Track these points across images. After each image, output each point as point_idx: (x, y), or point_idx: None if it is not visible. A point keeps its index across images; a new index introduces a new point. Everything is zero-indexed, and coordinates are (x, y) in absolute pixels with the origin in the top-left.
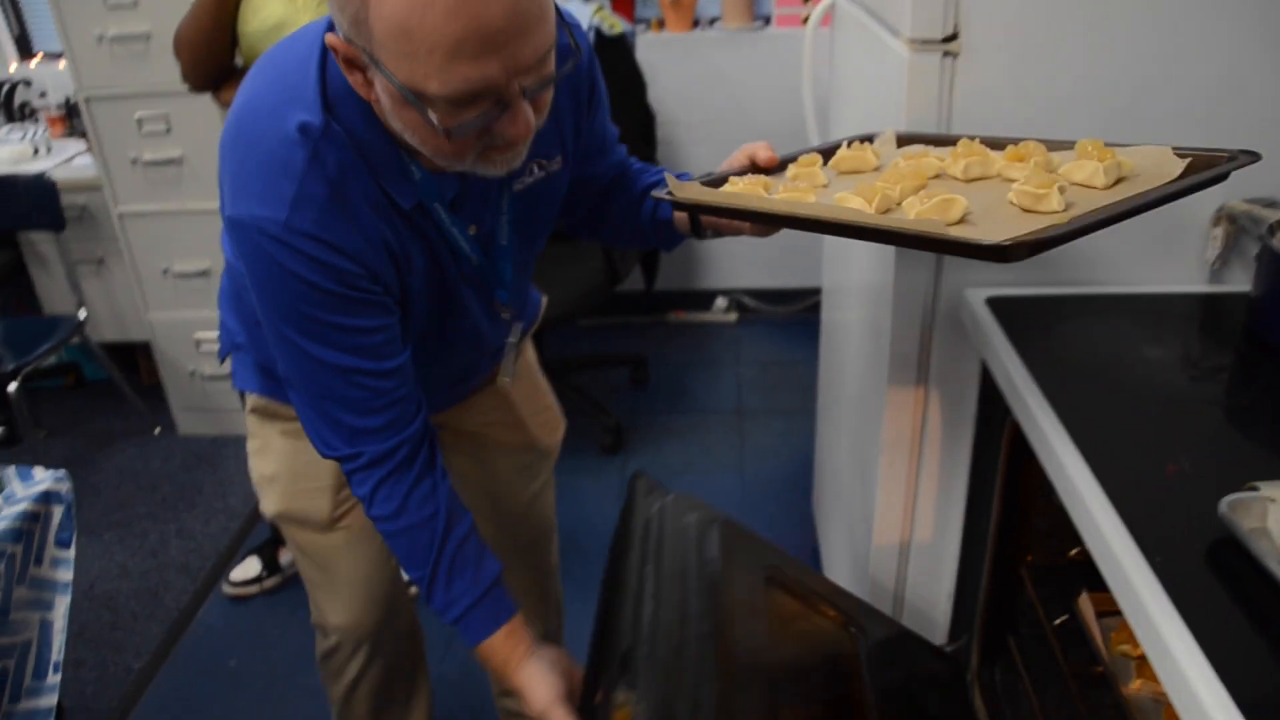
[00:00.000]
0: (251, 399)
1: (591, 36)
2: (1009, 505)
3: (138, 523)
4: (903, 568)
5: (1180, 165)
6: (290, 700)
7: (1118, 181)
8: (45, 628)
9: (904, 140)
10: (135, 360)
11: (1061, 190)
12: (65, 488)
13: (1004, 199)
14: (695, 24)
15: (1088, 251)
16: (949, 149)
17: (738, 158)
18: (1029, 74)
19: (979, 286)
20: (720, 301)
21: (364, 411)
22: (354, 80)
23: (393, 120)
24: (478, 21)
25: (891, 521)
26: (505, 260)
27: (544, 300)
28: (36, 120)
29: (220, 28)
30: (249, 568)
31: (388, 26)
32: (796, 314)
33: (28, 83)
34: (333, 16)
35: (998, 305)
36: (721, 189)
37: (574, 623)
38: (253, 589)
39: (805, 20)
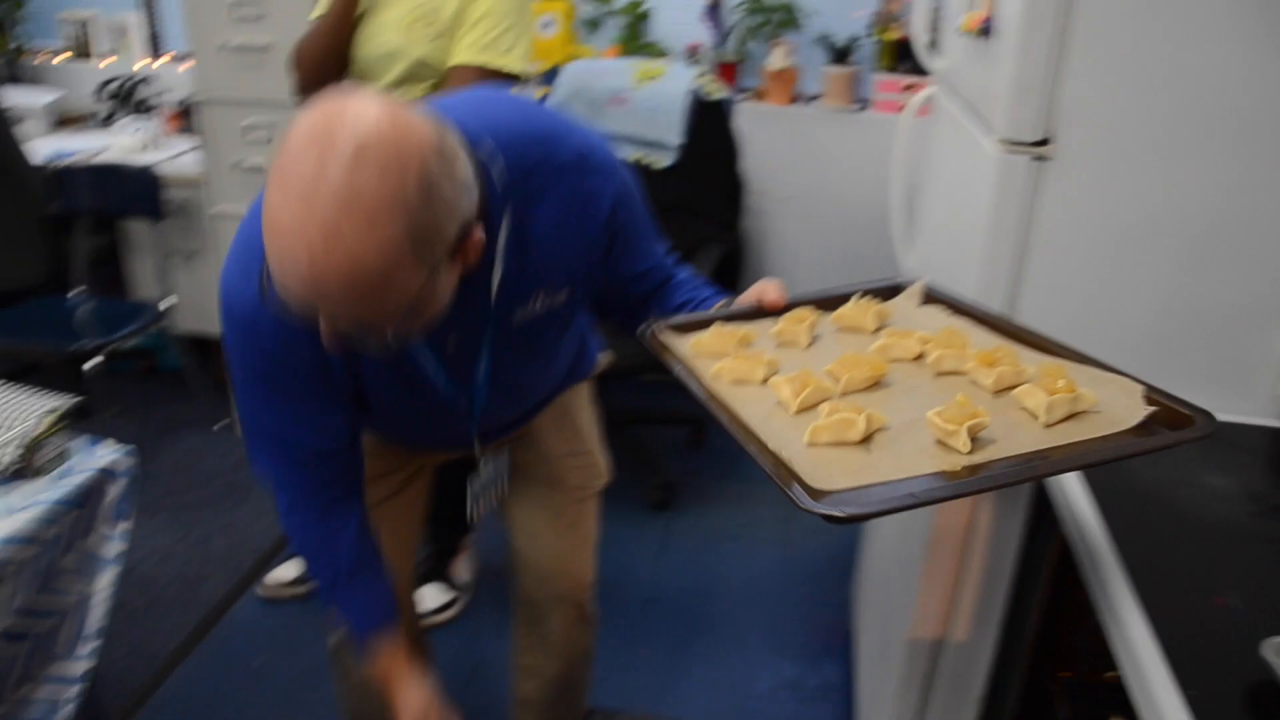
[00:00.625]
0: None
1: (690, 100)
2: (1049, 616)
3: (187, 511)
4: (933, 665)
5: (1142, 413)
6: (308, 706)
7: (1068, 417)
8: (84, 600)
9: (930, 299)
10: (209, 355)
11: (972, 433)
12: (128, 464)
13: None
14: (795, 99)
15: (1155, 370)
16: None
17: (748, 295)
18: (1114, 188)
19: None
20: None
21: (290, 465)
22: None
23: None
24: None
25: (929, 617)
26: (479, 393)
27: (603, 355)
28: (154, 116)
29: (338, 48)
30: (286, 571)
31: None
32: None
33: (148, 80)
34: None
35: None
36: (694, 338)
37: (603, 669)
38: (287, 592)
39: (903, 108)
